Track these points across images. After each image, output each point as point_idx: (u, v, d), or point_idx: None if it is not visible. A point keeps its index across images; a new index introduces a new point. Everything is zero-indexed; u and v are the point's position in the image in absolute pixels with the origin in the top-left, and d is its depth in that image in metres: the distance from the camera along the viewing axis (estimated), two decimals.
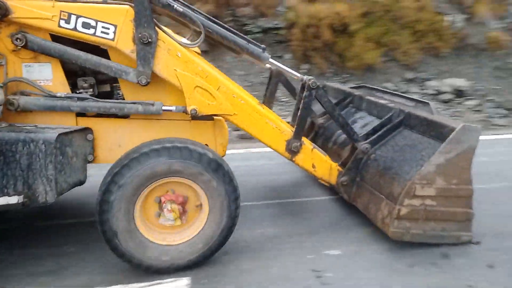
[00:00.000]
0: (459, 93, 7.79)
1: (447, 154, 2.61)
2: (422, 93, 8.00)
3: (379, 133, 3.11)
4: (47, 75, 2.43)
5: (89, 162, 2.51)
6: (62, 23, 2.31)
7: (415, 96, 4.54)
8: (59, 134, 2.14)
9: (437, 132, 2.73)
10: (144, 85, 2.46)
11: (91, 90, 2.55)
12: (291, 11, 8.57)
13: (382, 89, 4.11)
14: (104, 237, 2.27)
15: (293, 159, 2.91)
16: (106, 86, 2.73)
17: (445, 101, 7.77)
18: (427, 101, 3.33)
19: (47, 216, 3.16)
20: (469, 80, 7.93)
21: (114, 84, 2.80)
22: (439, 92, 7.99)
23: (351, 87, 4.32)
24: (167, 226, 2.44)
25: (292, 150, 2.86)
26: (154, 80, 2.47)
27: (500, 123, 6.72)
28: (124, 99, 2.61)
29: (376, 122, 3.30)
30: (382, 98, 3.67)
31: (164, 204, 2.39)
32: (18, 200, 2.10)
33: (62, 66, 2.43)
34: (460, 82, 7.93)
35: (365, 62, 8.33)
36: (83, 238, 2.81)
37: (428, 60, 8.36)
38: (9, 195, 2.09)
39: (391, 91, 4.04)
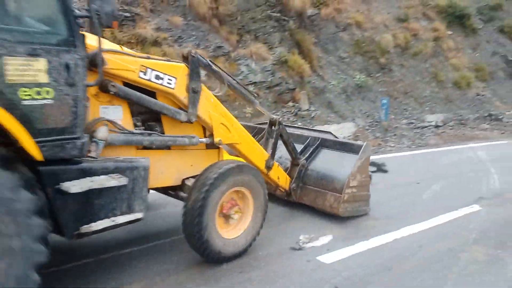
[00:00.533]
0: None
1: (360, 160, 4.51)
2: None
3: (307, 154, 4.80)
4: (118, 115, 2.92)
5: None
6: (141, 74, 2.96)
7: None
8: None
9: (350, 148, 4.70)
10: (191, 123, 3.33)
11: (143, 127, 3.15)
12: None
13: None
14: (197, 233, 3.09)
15: (268, 173, 4.20)
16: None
17: None
18: (328, 131, 5.70)
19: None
20: None
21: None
22: None
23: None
24: (228, 224, 3.45)
25: (269, 167, 4.18)
26: None
27: None
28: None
29: (300, 146, 4.86)
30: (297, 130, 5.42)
31: (230, 207, 3.40)
32: (127, 219, 2.72)
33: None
34: None
35: None
36: None
37: None
38: (117, 215, 2.66)
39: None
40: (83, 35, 2.49)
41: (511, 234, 4.38)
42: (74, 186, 2.39)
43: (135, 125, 3.06)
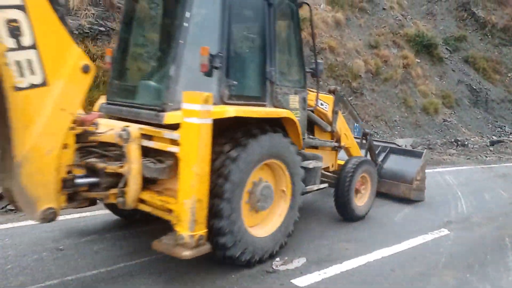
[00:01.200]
0: None
1: (422, 162, 6.69)
2: None
3: (381, 157, 7.01)
4: None
5: None
6: (319, 104, 5.30)
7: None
8: None
9: (413, 154, 7.05)
10: (332, 132, 5.60)
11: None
12: None
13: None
14: (346, 198, 5.28)
15: None
16: None
17: None
18: (393, 142, 8.95)
19: None
20: None
21: None
22: None
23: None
24: (358, 197, 5.61)
25: None
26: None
27: None
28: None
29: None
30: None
31: (360, 185, 5.58)
32: (320, 187, 5.00)
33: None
34: None
35: None
36: None
37: None
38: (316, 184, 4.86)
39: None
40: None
41: (479, 257, 4.48)
42: (311, 164, 4.58)
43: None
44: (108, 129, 3.43)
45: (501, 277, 4.01)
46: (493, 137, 17.22)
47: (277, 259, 3.95)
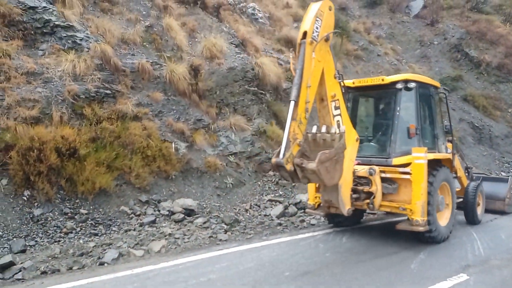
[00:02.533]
0: (189, 212, 8.47)
1: (509, 185, 9.73)
2: (157, 214, 8.15)
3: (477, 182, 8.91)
4: None
5: None
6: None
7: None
8: None
9: (500, 181, 10.08)
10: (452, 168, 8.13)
11: None
12: (7, 133, 7.13)
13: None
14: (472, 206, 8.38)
15: None
16: None
17: (178, 221, 8.19)
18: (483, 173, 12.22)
19: None
20: (196, 199, 8.84)
21: None
22: (172, 212, 8.39)
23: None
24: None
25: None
26: None
27: (223, 238, 7.26)
28: None
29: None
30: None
31: None
32: None
33: None
34: (189, 202, 8.69)
35: (98, 186, 7.76)
36: None
37: (160, 183, 8.76)
38: None
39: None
40: None
41: None
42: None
43: None
44: (360, 169, 6.69)
45: None
46: (502, 173, 17.01)
47: None
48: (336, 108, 6.10)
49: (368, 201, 6.54)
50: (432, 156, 6.72)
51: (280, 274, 5.16)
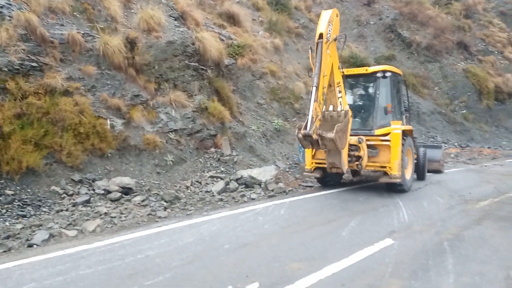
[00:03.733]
0: (127, 191, 8.25)
1: (443, 150, 13.35)
2: (91, 193, 7.85)
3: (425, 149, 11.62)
4: None
5: None
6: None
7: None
8: None
9: (436, 147, 13.11)
10: None
11: None
12: None
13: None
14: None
15: None
16: None
17: (115, 200, 7.95)
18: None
19: None
20: (134, 177, 8.60)
21: None
22: (108, 191, 8.12)
23: None
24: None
25: None
26: None
27: (163, 215, 7.18)
28: None
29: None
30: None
31: None
32: None
33: None
34: (127, 180, 8.45)
35: (25, 165, 7.28)
36: None
37: (94, 161, 8.39)
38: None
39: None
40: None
41: (422, 264, 4.71)
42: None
43: None
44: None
45: (443, 281, 4.25)
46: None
47: (230, 287, 3.90)
48: (339, 92, 7.98)
49: (357, 162, 8.64)
50: (403, 127, 9.12)
51: (220, 247, 5.24)
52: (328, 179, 9.72)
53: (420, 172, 10.98)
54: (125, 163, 8.79)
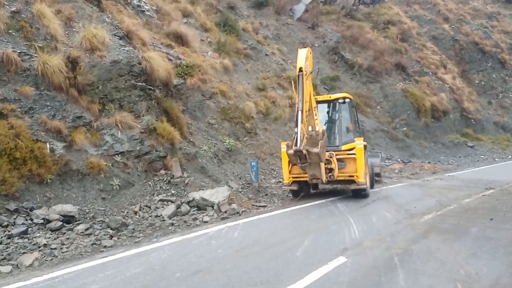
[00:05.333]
0: (69, 219, 7.70)
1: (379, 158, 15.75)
2: (29, 223, 7.25)
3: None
4: None
5: None
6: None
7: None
8: None
9: (375, 156, 15.22)
10: None
11: None
12: None
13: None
14: None
15: None
16: None
17: (55, 229, 7.39)
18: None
19: None
20: (76, 204, 8.07)
21: None
22: (48, 221, 7.53)
23: None
24: None
25: None
26: None
27: (108, 244, 6.74)
28: None
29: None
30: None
31: None
32: None
33: None
34: (68, 208, 7.89)
35: None
36: None
37: (32, 188, 7.77)
38: None
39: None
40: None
41: (375, 281, 4.77)
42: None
43: None
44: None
45: None
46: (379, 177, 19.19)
47: None
48: (315, 115, 10.01)
49: (330, 174, 10.02)
50: (364, 143, 10.84)
51: (171, 276, 4.98)
52: (302, 191, 11.15)
53: (371, 179, 12.25)
54: (66, 189, 8.23)
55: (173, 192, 9.88)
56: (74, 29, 11.01)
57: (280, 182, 13.17)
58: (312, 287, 4.57)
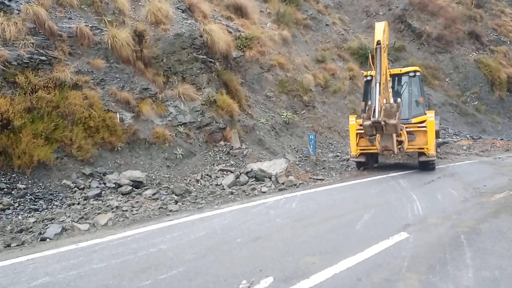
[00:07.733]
0: (137, 184, 8.23)
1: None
2: (102, 187, 7.85)
3: None
4: None
5: None
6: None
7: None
8: None
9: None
10: None
11: None
12: None
13: None
14: None
15: None
16: None
17: (126, 193, 7.94)
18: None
19: None
20: (144, 171, 8.58)
21: None
22: (119, 185, 8.11)
23: None
24: None
25: None
26: None
27: (174, 209, 7.14)
28: None
29: None
30: None
31: None
32: None
33: None
34: (137, 174, 8.43)
35: (36, 159, 7.29)
36: None
37: (105, 155, 8.38)
38: None
39: None
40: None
41: (438, 257, 4.61)
42: None
43: None
44: None
45: (461, 275, 4.14)
46: (439, 139, 18.19)
47: (244, 281, 3.84)
48: (390, 87, 10.18)
49: (400, 146, 10.29)
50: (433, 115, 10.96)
51: (232, 241, 5.18)
52: (367, 163, 11.53)
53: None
54: (135, 156, 8.77)
55: (232, 162, 10.14)
56: (139, 3, 11.39)
57: (337, 156, 12.98)
58: (373, 260, 4.52)
